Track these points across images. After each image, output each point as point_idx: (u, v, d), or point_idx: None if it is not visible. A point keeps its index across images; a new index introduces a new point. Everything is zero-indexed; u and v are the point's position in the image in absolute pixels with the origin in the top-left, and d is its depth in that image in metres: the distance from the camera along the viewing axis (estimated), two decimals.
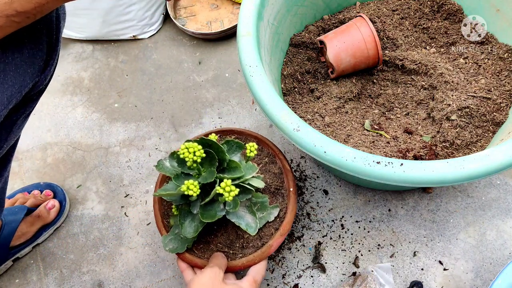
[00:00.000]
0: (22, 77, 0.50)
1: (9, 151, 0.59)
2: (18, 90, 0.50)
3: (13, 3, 0.40)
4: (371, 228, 0.78)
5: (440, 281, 0.72)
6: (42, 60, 0.53)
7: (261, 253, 0.62)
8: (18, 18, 0.42)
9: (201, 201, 0.57)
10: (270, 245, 0.63)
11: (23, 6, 0.41)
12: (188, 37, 1.09)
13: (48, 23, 0.52)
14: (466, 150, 0.70)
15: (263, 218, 0.64)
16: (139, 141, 0.94)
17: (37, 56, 0.52)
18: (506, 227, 0.76)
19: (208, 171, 0.55)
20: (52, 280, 0.80)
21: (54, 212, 0.82)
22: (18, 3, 0.41)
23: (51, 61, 0.55)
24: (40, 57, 0.52)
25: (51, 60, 0.55)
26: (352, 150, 0.54)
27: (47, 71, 0.55)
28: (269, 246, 0.63)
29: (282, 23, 0.81)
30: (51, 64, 0.55)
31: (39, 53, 0.52)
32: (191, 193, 0.50)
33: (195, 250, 0.64)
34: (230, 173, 0.56)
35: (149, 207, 0.86)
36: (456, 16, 0.85)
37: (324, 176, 0.84)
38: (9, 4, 0.40)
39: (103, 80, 1.04)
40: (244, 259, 0.62)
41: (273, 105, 0.59)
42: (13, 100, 0.49)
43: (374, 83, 0.83)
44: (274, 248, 0.63)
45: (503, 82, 0.76)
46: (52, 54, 0.55)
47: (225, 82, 1.00)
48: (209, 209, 0.58)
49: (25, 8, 0.41)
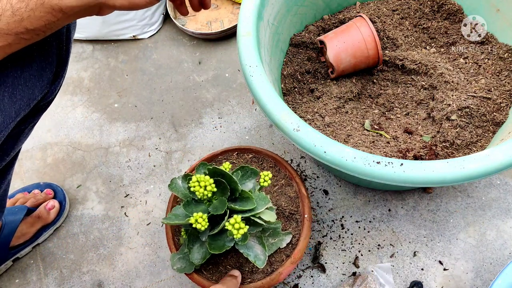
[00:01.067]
0: (31, 90, 0.50)
1: (14, 156, 0.59)
2: (26, 103, 0.50)
3: (23, 21, 0.40)
4: (371, 228, 0.78)
5: (440, 281, 0.72)
6: (52, 73, 0.53)
7: (270, 280, 0.61)
8: (28, 35, 0.41)
9: (210, 230, 0.55)
10: (279, 273, 0.61)
11: (33, 23, 0.40)
12: (188, 37, 1.09)
13: (58, 36, 0.52)
14: (466, 150, 0.70)
15: (274, 244, 0.62)
16: (139, 141, 0.94)
17: (46, 69, 0.51)
18: (506, 227, 0.76)
19: (219, 200, 0.54)
20: (52, 280, 0.80)
21: (54, 213, 0.82)
22: (28, 21, 0.40)
23: (61, 72, 0.55)
24: (50, 70, 0.52)
25: (61, 71, 0.55)
26: (352, 150, 0.54)
27: (57, 83, 0.55)
28: (279, 274, 0.61)
29: (282, 23, 0.81)
30: (61, 76, 0.55)
31: (49, 66, 0.52)
32: (199, 226, 0.49)
33: (204, 271, 0.63)
34: (241, 203, 0.54)
35: (149, 207, 0.86)
36: (456, 16, 0.85)
37: (324, 176, 0.84)
38: (19, 22, 0.40)
39: (103, 80, 1.04)
40: (252, 284, 0.61)
41: (273, 105, 0.59)
42: (21, 113, 0.50)
43: (374, 83, 0.83)
44: (283, 276, 0.62)
45: (503, 82, 0.76)
46: (62, 65, 0.54)
47: (225, 82, 1.00)
48: (218, 239, 0.56)
49: (35, 25, 0.41)
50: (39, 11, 0.40)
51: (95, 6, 0.43)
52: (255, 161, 0.73)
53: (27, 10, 0.39)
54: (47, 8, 0.40)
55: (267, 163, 0.72)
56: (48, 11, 0.40)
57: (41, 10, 0.40)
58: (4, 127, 0.47)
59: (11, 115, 0.47)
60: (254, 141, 0.91)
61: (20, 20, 0.40)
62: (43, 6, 0.40)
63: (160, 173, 0.89)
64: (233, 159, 0.73)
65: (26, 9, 0.39)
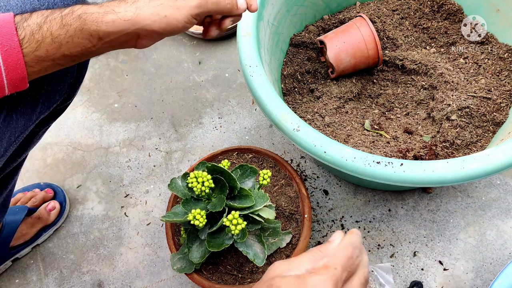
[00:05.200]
0: (52, 94, 0.51)
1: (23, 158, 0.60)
2: (47, 107, 0.51)
3: (62, 48, 0.40)
4: (371, 228, 0.78)
5: (440, 281, 0.72)
6: (72, 77, 0.54)
7: None
8: (63, 61, 0.42)
9: (209, 228, 0.55)
10: None
11: (71, 50, 0.41)
12: (188, 37, 1.09)
13: None
14: (466, 150, 0.70)
15: (274, 244, 0.62)
16: (139, 141, 0.94)
17: (68, 74, 0.52)
18: (506, 227, 0.76)
19: (218, 198, 0.54)
20: (52, 280, 0.80)
21: (54, 214, 0.82)
22: (66, 47, 0.40)
23: (80, 78, 0.55)
24: (71, 74, 0.53)
25: (80, 76, 0.55)
26: (352, 150, 0.54)
27: (76, 87, 0.56)
28: None
29: (282, 23, 0.81)
30: (80, 81, 0.56)
31: (70, 71, 0.53)
32: (197, 223, 0.49)
33: (204, 271, 0.63)
34: (240, 201, 0.54)
35: (149, 207, 0.86)
36: (456, 16, 0.85)
37: (324, 176, 0.84)
38: (57, 48, 0.40)
39: (103, 80, 1.04)
40: (252, 284, 0.60)
41: (273, 105, 0.59)
42: (41, 116, 0.51)
43: (374, 83, 0.83)
44: None
45: (503, 82, 0.76)
46: (82, 70, 0.55)
47: (225, 82, 1.00)
48: (217, 237, 0.56)
49: (72, 52, 0.41)
50: (77, 37, 0.40)
51: (133, 34, 0.42)
52: (255, 161, 0.73)
53: (66, 37, 0.39)
54: (85, 35, 0.40)
55: (267, 163, 0.72)
56: (86, 37, 0.40)
57: (80, 36, 0.40)
58: (24, 129, 0.48)
59: (32, 118, 0.48)
60: (254, 141, 0.91)
61: (59, 46, 0.40)
62: (82, 33, 0.40)
63: (160, 173, 0.89)
64: (233, 159, 0.73)
65: (65, 36, 0.39)
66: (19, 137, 0.48)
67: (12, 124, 0.46)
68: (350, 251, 0.35)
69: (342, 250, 0.35)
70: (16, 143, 0.48)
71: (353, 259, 0.35)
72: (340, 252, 0.35)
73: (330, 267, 0.33)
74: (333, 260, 0.34)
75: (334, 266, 0.33)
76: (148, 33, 0.43)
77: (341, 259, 0.34)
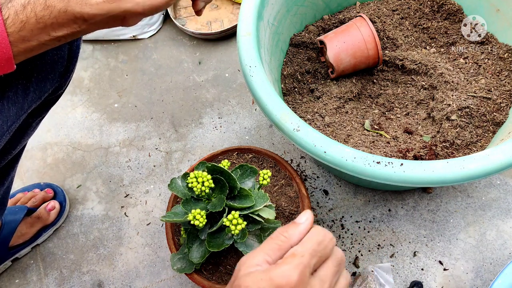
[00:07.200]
0: (43, 83, 0.51)
1: (19, 152, 0.59)
2: (38, 96, 0.51)
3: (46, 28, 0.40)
4: (371, 228, 0.78)
5: (440, 281, 0.72)
6: (63, 66, 0.54)
7: None
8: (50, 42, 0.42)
9: (209, 228, 0.55)
10: None
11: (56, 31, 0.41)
12: (188, 37, 1.09)
13: None
14: (466, 150, 0.70)
15: None
16: (139, 141, 0.94)
17: (58, 63, 0.52)
18: (506, 227, 0.76)
19: (218, 198, 0.54)
20: (52, 280, 0.80)
21: (54, 214, 0.82)
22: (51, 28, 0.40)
23: (71, 67, 0.56)
24: (61, 63, 0.53)
25: (71, 66, 0.55)
26: (352, 150, 0.54)
27: (67, 76, 0.56)
28: None
29: (282, 23, 0.81)
30: (71, 70, 0.56)
31: (60, 59, 0.53)
32: (197, 223, 0.49)
33: (204, 271, 0.63)
34: (240, 201, 0.54)
35: (149, 207, 0.86)
36: (456, 16, 0.85)
37: (324, 176, 0.84)
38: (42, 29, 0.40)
39: (103, 80, 1.04)
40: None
41: (273, 105, 0.59)
42: (32, 105, 0.51)
43: (374, 83, 0.83)
44: None
45: (503, 82, 0.76)
46: (72, 59, 0.55)
47: (225, 82, 1.00)
48: (217, 237, 0.56)
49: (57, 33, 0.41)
50: (62, 18, 0.40)
51: (118, 15, 0.42)
52: (255, 161, 0.73)
53: (50, 18, 0.40)
54: (69, 16, 0.40)
55: (267, 163, 0.72)
56: (71, 19, 0.40)
57: (64, 17, 0.40)
58: (16, 119, 0.48)
59: (23, 107, 0.48)
60: (254, 141, 0.91)
61: (43, 27, 0.40)
62: (66, 14, 0.40)
63: (160, 173, 0.89)
64: (233, 159, 0.73)
65: (49, 17, 0.40)
66: (11, 126, 0.48)
67: (3, 113, 0.46)
68: (321, 235, 0.33)
69: (312, 235, 0.33)
70: (9, 133, 0.48)
71: (325, 243, 0.33)
72: (309, 237, 0.33)
73: (297, 255, 0.31)
74: (300, 247, 0.32)
75: (301, 254, 0.31)
76: (133, 14, 0.43)
77: (309, 245, 0.32)
